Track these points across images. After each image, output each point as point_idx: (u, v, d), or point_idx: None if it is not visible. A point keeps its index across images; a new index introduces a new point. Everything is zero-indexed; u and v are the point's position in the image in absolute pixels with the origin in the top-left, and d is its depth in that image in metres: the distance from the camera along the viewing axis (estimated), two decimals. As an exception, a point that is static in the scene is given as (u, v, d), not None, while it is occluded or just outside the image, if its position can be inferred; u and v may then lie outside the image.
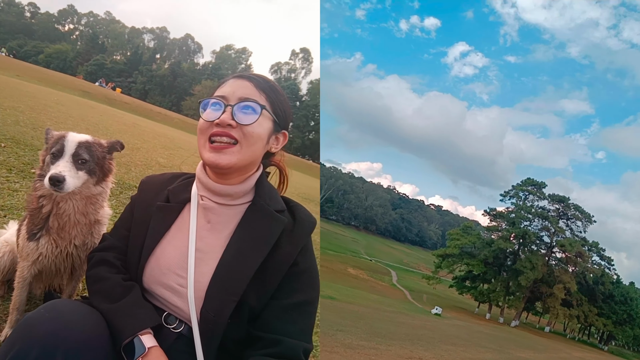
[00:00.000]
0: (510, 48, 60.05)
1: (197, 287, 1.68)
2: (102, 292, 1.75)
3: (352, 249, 48.02)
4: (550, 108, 64.25)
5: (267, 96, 1.78)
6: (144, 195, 1.97)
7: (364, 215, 61.93)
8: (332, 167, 64.19)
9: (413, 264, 50.72)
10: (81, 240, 2.32)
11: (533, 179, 36.32)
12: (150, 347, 1.59)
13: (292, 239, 1.75)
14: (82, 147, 2.10)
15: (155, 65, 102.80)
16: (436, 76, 66.21)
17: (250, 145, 1.72)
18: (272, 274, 1.70)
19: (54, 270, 2.41)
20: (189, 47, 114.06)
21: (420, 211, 71.16)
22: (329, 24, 59.71)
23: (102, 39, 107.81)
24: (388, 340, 12.37)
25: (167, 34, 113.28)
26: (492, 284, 34.27)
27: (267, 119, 1.77)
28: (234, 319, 1.66)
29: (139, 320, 1.64)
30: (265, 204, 1.79)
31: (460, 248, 35.04)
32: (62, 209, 2.21)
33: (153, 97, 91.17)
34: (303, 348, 1.67)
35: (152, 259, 1.80)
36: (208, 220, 1.80)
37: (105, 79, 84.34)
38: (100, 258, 1.89)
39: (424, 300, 32.50)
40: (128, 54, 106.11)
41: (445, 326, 21.52)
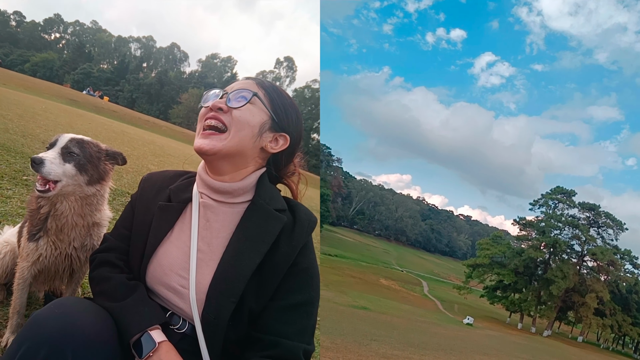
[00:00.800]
0: (537, 56, 59.05)
1: (198, 289, 1.66)
2: (107, 292, 1.73)
3: (384, 260, 47.71)
4: (578, 115, 62.93)
5: (265, 92, 1.77)
6: (145, 194, 1.94)
7: (394, 226, 61.58)
8: (362, 179, 64.15)
9: (444, 274, 50.11)
10: (80, 242, 2.31)
11: (562, 187, 35.74)
12: (160, 341, 1.59)
13: (292, 239, 1.71)
14: (72, 142, 2.11)
15: (142, 74, 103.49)
16: (463, 87, 65.59)
17: (238, 130, 1.69)
18: (271, 274, 1.67)
19: (53, 272, 2.40)
20: (175, 56, 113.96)
21: (449, 222, 70.38)
22: (357, 39, 59.96)
23: (89, 48, 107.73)
24: (421, 350, 12.47)
25: (154, 43, 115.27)
26: (524, 294, 33.71)
27: (260, 110, 1.74)
28: (235, 320, 1.64)
29: (146, 317, 1.63)
30: (265, 203, 1.75)
31: (491, 258, 34.57)
32: (59, 210, 2.21)
33: (140, 105, 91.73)
34: (303, 349, 1.64)
35: (155, 260, 1.78)
36: (207, 219, 1.77)
37: (93, 87, 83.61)
38: (102, 259, 1.87)
39: (455, 310, 32.14)
40: (115, 62, 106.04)
41: (478, 336, 21.33)
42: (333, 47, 62.02)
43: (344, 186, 56.24)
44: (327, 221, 48.31)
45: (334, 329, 12.38)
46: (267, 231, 1.68)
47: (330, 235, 50.92)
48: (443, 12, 61.46)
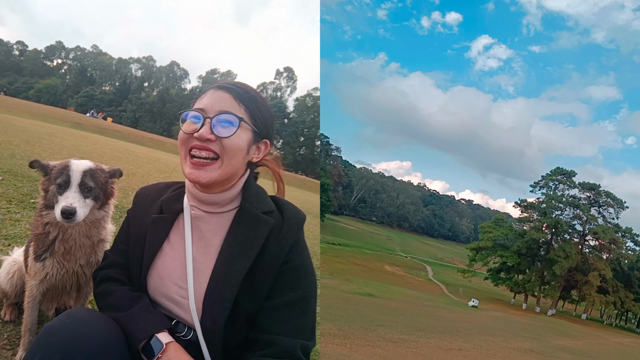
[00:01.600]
0: (534, 38, 58.67)
1: (196, 298, 1.69)
2: (112, 304, 1.77)
3: (387, 247, 47.86)
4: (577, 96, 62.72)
5: (246, 107, 1.75)
6: (139, 208, 1.98)
7: (396, 213, 61.66)
8: (362, 167, 64.01)
9: (447, 258, 50.19)
10: (86, 260, 2.35)
11: (562, 168, 35.58)
12: (167, 342, 1.63)
13: (280, 238, 1.72)
14: (87, 176, 2.11)
15: (144, 93, 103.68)
16: (460, 71, 65.30)
17: (230, 158, 1.70)
18: (262, 276, 1.69)
19: (60, 289, 2.43)
20: (176, 74, 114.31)
21: (451, 206, 70.38)
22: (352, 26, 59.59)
23: (91, 71, 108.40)
24: (428, 333, 12.55)
25: (154, 62, 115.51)
26: (527, 275, 33.74)
27: (246, 130, 1.74)
28: (232, 325, 1.67)
29: (152, 322, 1.67)
30: (252, 207, 1.77)
31: (493, 240, 34.60)
32: (68, 234, 2.25)
33: (144, 124, 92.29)
34: (300, 346, 1.65)
35: (153, 271, 1.81)
36: (200, 230, 1.79)
37: (96, 109, 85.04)
38: (104, 276, 1.91)
39: (460, 293, 32.22)
40: (117, 84, 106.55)
41: (483, 318, 21.46)
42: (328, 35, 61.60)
43: (344, 175, 56.21)
44: (329, 210, 48.28)
45: (340, 317, 12.43)
46: (255, 235, 1.71)
47: (333, 224, 50.96)
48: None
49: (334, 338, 9.55)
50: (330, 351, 8.27)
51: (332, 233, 46.80)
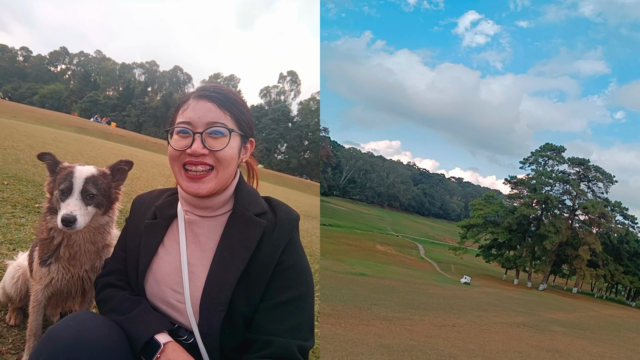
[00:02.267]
0: (522, 13, 58.26)
1: (193, 302, 1.70)
2: (113, 308, 1.77)
3: (378, 227, 48.01)
4: (565, 70, 62.61)
5: (231, 113, 1.73)
6: (134, 215, 1.99)
7: (386, 193, 61.79)
8: (351, 147, 64.06)
9: (439, 236, 50.54)
10: (91, 265, 2.34)
11: (552, 144, 35.65)
12: (165, 342, 1.62)
13: (273, 240, 1.72)
14: (89, 183, 2.09)
15: (147, 98, 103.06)
16: (447, 48, 64.84)
17: (225, 168, 1.71)
18: (256, 278, 1.68)
19: (65, 294, 2.42)
20: (179, 78, 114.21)
21: (441, 185, 70.81)
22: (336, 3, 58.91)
23: (94, 77, 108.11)
24: (421, 310, 12.57)
25: (157, 67, 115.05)
26: (518, 250, 34.03)
27: (235, 137, 1.74)
28: (229, 327, 1.67)
29: (152, 324, 1.67)
30: (245, 209, 1.77)
31: (484, 218, 34.77)
32: (72, 240, 2.23)
33: (148, 128, 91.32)
34: (297, 346, 1.64)
35: (150, 277, 1.81)
36: (195, 234, 1.80)
37: (100, 114, 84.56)
38: (104, 282, 1.91)
39: (452, 270, 32.43)
40: (120, 89, 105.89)
41: (475, 294, 21.60)
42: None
43: (333, 156, 56.12)
44: (319, 191, 48.39)
45: (334, 297, 12.38)
46: (248, 237, 1.71)
47: (324, 205, 50.95)
48: (423, -30, 60.41)
49: (328, 318, 9.49)
50: (326, 331, 8.18)
51: (323, 214, 46.73)
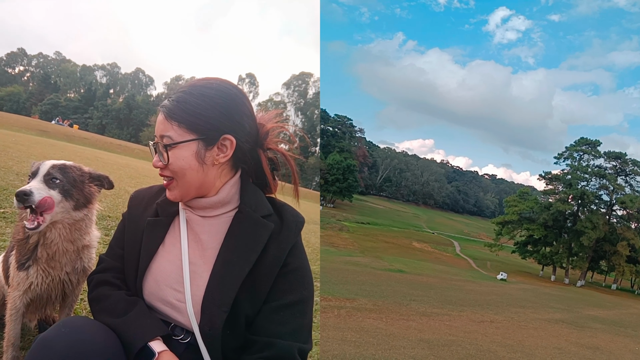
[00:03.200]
0: (553, 6, 56.70)
1: (194, 302, 1.66)
2: (107, 309, 1.71)
3: (414, 224, 47.78)
4: (598, 63, 60.74)
5: (179, 122, 1.63)
6: (133, 210, 1.92)
7: (421, 191, 61.29)
8: (386, 147, 63.74)
9: (474, 233, 49.87)
10: (71, 267, 2.22)
11: (587, 138, 34.79)
12: (160, 351, 1.57)
13: (280, 242, 1.69)
14: (55, 169, 2.02)
15: (109, 100, 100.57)
16: (478, 45, 63.70)
17: (181, 178, 1.66)
18: (262, 280, 1.66)
19: (45, 299, 2.29)
20: (141, 81, 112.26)
21: (475, 182, 69.76)
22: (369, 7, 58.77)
23: (54, 79, 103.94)
24: (459, 306, 12.59)
25: (119, 69, 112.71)
26: (554, 247, 33.36)
27: (185, 146, 1.64)
28: (231, 329, 1.64)
29: (147, 329, 1.62)
30: (251, 210, 1.71)
31: (519, 214, 34.21)
32: (49, 239, 2.11)
33: (111, 130, 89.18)
34: (298, 348, 1.63)
35: (149, 275, 1.76)
36: (196, 233, 1.75)
37: (62, 116, 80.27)
38: (100, 279, 1.84)
39: (488, 267, 32.06)
40: (82, 91, 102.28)
41: (512, 290, 21.33)
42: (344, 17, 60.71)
43: (369, 156, 56.04)
44: (356, 191, 48.36)
45: (374, 292, 12.58)
46: (255, 239, 1.67)
47: (361, 204, 51.01)
48: (453, -30, 59.51)
49: (370, 313, 9.69)
50: (368, 325, 8.39)
51: (360, 213, 46.89)
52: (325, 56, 61.34)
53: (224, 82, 1.75)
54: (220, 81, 1.74)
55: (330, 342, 6.66)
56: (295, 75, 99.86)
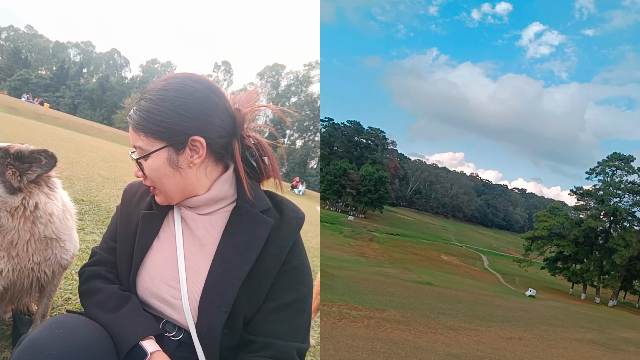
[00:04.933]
0: (588, 21, 55.71)
1: (191, 299, 1.61)
2: (99, 303, 1.65)
3: (443, 237, 47.27)
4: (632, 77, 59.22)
5: (146, 132, 1.59)
6: (126, 203, 1.86)
7: (450, 203, 60.80)
8: (417, 160, 63.56)
9: (502, 248, 49.00)
10: (41, 257, 2.12)
11: (620, 153, 33.91)
12: (152, 351, 1.52)
13: (280, 239, 1.63)
14: None
15: (83, 80, 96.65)
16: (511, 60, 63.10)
17: (160, 185, 1.64)
18: (262, 278, 1.61)
19: (19, 288, 2.20)
20: (116, 62, 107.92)
21: (504, 196, 68.65)
22: (405, 24, 59.04)
23: (25, 54, 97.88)
24: (487, 322, 12.42)
25: (93, 49, 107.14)
26: (585, 264, 32.55)
27: (156, 155, 1.61)
28: (229, 329, 1.60)
29: (140, 327, 1.57)
30: (249, 206, 1.66)
31: (549, 229, 33.52)
32: (1, 225, 2.00)
33: (83, 111, 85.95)
34: (297, 348, 1.60)
35: (143, 271, 1.70)
36: (192, 229, 1.69)
37: (32, 94, 77.35)
38: (91, 272, 1.78)
39: (516, 282, 31.48)
40: (54, 68, 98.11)
41: (542, 307, 20.90)
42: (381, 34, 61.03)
43: (400, 168, 56.01)
44: (387, 202, 48.26)
45: (403, 304, 12.52)
46: (255, 236, 1.61)
47: (391, 215, 50.84)
48: (488, -14, 59.23)
49: (398, 324, 9.65)
50: (396, 336, 8.37)
51: (390, 224, 46.80)
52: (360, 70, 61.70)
53: (184, 79, 1.64)
54: (180, 79, 1.64)
55: (360, 352, 6.71)
56: (269, 66, 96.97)
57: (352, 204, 46.68)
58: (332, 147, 50.59)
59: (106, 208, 6.14)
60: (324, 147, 50.21)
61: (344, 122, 53.28)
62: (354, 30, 61.61)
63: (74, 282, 3.20)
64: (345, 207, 47.99)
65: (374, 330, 8.67)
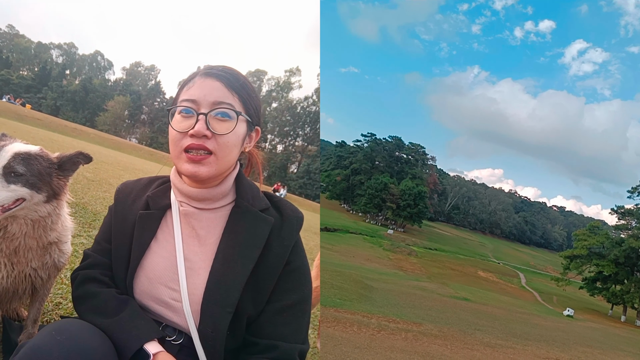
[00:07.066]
0: (633, 38, 54.20)
1: (192, 300, 1.54)
2: (97, 308, 1.57)
3: (480, 253, 46.69)
4: (677, 93, 57.29)
5: (239, 96, 1.55)
6: (121, 204, 1.75)
7: (488, 220, 59.85)
8: (455, 175, 63.06)
9: (540, 266, 47.97)
10: (39, 262, 2.01)
11: (663, 172, 33.06)
12: (155, 352, 1.46)
13: (282, 239, 1.58)
14: (17, 159, 1.72)
15: (65, 81, 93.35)
16: (552, 77, 61.87)
17: (226, 155, 1.52)
18: (265, 278, 1.56)
19: (12, 292, 2.06)
20: (99, 64, 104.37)
21: (543, 213, 67.10)
22: (448, 42, 58.87)
23: (6, 54, 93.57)
24: (524, 340, 12.33)
25: (76, 50, 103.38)
26: (626, 285, 31.54)
27: (241, 123, 1.54)
28: (232, 330, 1.54)
29: (142, 331, 1.50)
30: (249, 204, 1.61)
31: (588, 249, 32.69)
32: (10, 233, 1.87)
33: (65, 113, 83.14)
34: (299, 350, 1.57)
35: (141, 273, 1.62)
36: (192, 227, 1.62)
37: (13, 94, 74.06)
38: (85, 276, 1.68)
39: (554, 302, 30.73)
40: (36, 69, 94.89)
41: (579, 328, 20.42)
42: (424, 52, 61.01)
43: (439, 183, 55.62)
44: (425, 217, 48.04)
45: (439, 318, 12.60)
46: (257, 235, 1.56)
47: (430, 230, 50.55)
48: (530, 4, 58.38)
49: (435, 339, 9.76)
50: (433, 351, 8.44)
51: (429, 238, 46.55)
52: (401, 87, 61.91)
53: None
54: None
55: (398, 365, 6.88)
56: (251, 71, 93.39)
57: (392, 217, 46.77)
58: (374, 161, 50.72)
59: (92, 210, 6.01)
60: (366, 162, 50.50)
61: (385, 137, 53.60)
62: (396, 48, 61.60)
63: (63, 287, 3.10)
64: (385, 220, 48.22)
65: (411, 343, 8.76)
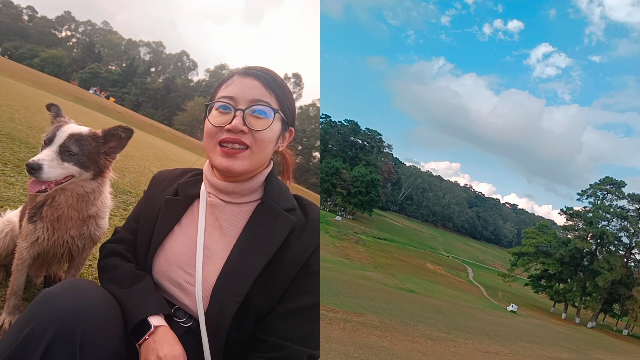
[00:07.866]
0: (595, 47, 56.37)
1: (204, 286, 1.59)
2: (114, 279, 1.67)
3: (430, 245, 47.34)
4: (632, 105, 60.39)
5: (276, 96, 1.62)
6: (153, 189, 1.90)
7: (441, 212, 60.83)
8: (411, 166, 63.74)
9: (489, 261, 49.18)
10: (77, 231, 2.21)
11: (612, 178, 34.19)
12: (157, 325, 1.52)
13: (303, 240, 1.61)
14: (72, 139, 1.93)
15: (149, 79, 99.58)
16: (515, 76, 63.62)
17: (261, 150, 1.59)
18: (280, 276, 1.57)
19: (51, 255, 2.31)
20: (184, 64, 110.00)
21: (495, 209, 68.99)
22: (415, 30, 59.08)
23: (99, 48, 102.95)
24: (466, 334, 12.36)
25: (163, 49, 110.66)
26: (569, 284, 32.65)
27: (277, 121, 1.61)
28: (240, 321, 1.56)
29: (150, 305, 1.57)
30: (274, 202, 1.66)
31: (536, 247, 33.63)
32: (56, 202, 2.10)
33: (145, 109, 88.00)
34: (308, 354, 1.55)
35: (161, 254, 1.72)
36: (216, 218, 1.69)
37: (100, 87, 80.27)
38: (111, 249, 1.82)
39: (499, 297, 31.49)
40: (123, 65, 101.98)
41: (521, 324, 20.87)
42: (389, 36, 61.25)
43: (394, 172, 55.98)
44: (377, 205, 48.27)
45: (382, 309, 12.42)
46: (275, 232, 1.60)
47: (380, 219, 50.86)
48: (501, 3, 59.67)
49: (375, 330, 9.54)
50: (372, 342, 8.21)
51: (379, 228, 46.81)
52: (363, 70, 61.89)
53: None
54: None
55: (332, 355, 6.53)
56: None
57: (342, 204, 46.74)
58: (327, 144, 50.35)
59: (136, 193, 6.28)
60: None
61: (341, 120, 53.32)
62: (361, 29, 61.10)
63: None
64: (334, 206, 48.11)
65: (349, 334, 8.47)
